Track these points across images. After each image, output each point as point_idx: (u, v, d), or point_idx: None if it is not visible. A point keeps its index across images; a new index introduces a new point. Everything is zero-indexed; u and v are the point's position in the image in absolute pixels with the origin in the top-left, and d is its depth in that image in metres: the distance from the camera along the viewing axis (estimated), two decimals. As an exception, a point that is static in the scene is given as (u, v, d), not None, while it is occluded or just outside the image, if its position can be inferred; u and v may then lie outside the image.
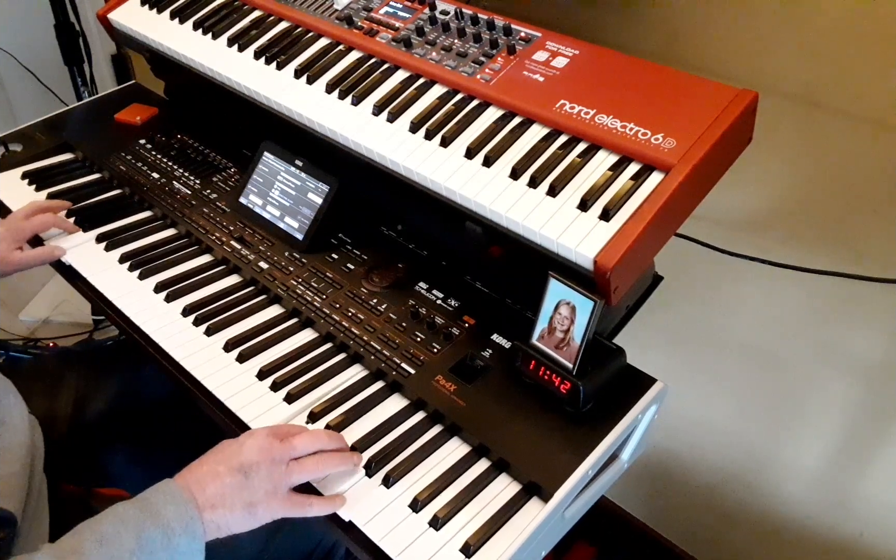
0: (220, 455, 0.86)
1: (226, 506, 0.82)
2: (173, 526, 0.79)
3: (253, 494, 0.84)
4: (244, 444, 0.86)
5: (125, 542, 0.77)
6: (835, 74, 1.35)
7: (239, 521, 0.84)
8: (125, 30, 1.52)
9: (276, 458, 0.85)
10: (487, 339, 1.05)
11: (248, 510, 0.83)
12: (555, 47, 1.15)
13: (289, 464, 0.86)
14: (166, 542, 0.79)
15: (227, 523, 0.83)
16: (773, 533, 1.62)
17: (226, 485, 0.83)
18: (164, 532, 0.79)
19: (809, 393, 1.56)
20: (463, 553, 0.82)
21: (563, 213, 0.97)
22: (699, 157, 0.96)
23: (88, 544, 0.76)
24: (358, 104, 1.18)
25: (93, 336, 2.24)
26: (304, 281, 1.17)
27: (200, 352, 1.07)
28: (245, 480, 0.83)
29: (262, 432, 0.88)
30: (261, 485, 0.84)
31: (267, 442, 0.86)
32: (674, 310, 1.57)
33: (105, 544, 0.77)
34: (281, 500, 0.85)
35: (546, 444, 0.91)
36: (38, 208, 1.28)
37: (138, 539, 0.78)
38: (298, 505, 0.86)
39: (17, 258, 1.22)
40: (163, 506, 0.80)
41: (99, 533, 0.78)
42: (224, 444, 0.88)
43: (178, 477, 0.84)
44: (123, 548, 0.77)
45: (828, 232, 1.45)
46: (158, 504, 0.80)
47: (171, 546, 0.79)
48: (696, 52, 1.50)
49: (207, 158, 1.45)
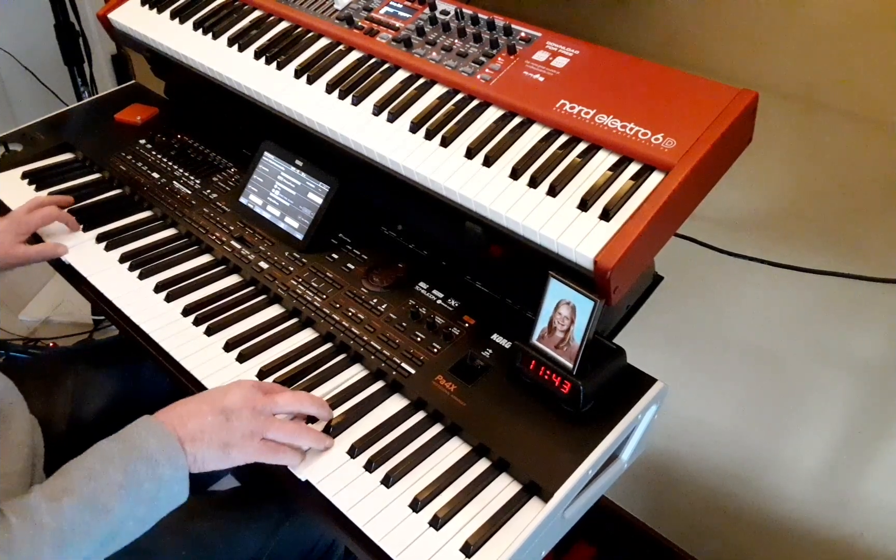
0: (205, 396, 0.91)
1: (204, 441, 0.87)
2: (157, 457, 0.83)
3: (230, 435, 0.88)
4: (229, 391, 0.91)
5: (113, 475, 0.81)
6: (835, 74, 1.35)
7: (214, 458, 0.88)
8: (125, 30, 1.52)
9: (257, 408, 0.90)
10: (487, 339, 1.05)
11: (223, 449, 0.88)
12: (555, 47, 1.15)
13: (268, 416, 0.91)
14: (151, 472, 0.83)
15: (203, 457, 0.87)
16: (773, 533, 1.62)
17: (207, 422, 0.87)
18: (148, 463, 0.83)
19: (809, 393, 1.56)
20: (463, 553, 0.82)
21: (563, 213, 0.97)
22: (699, 157, 0.96)
23: (77, 482, 0.80)
24: (358, 104, 1.18)
25: (93, 336, 2.24)
26: (304, 281, 1.17)
27: (200, 352, 1.07)
28: (225, 421, 0.88)
29: (248, 383, 0.93)
30: (239, 428, 0.88)
31: (251, 392, 0.91)
32: (674, 310, 1.57)
33: (94, 479, 0.81)
34: (256, 446, 0.89)
35: (546, 444, 0.91)
36: (40, 203, 1.28)
37: (125, 472, 0.82)
38: (271, 451, 0.90)
39: (21, 252, 1.22)
40: (145, 439, 0.84)
41: (87, 469, 0.82)
42: (210, 389, 0.93)
43: (158, 414, 0.89)
44: (112, 481, 0.81)
45: (828, 232, 1.45)
46: (141, 438, 0.85)
47: (156, 476, 0.83)
48: (696, 52, 1.50)
49: (207, 158, 1.45)
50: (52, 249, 1.24)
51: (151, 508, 0.84)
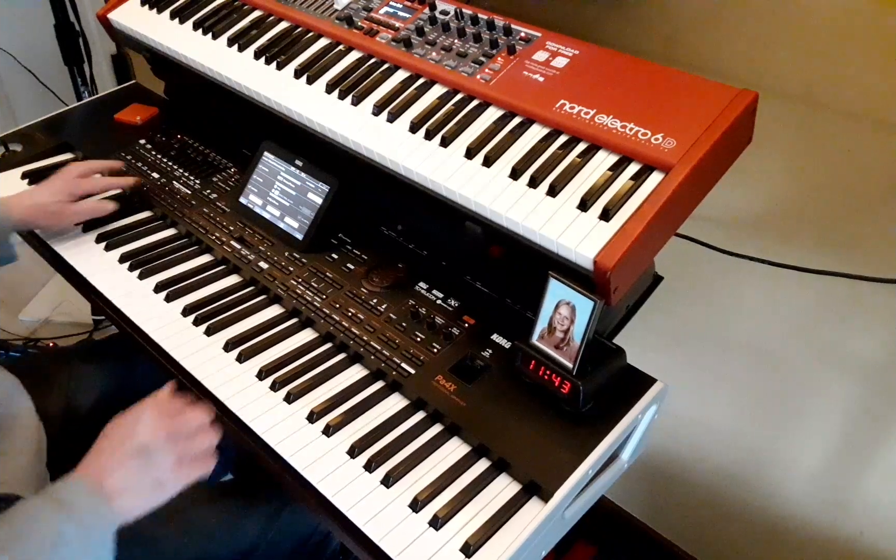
0: (116, 438, 0.87)
1: (132, 489, 0.85)
2: (85, 517, 0.81)
3: (159, 472, 0.86)
4: (137, 426, 0.88)
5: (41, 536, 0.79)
6: (835, 74, 1.35)
7: (150, 501, 0.86)
8: (125, 30, 1.52)
9: (173, 435, 0.88)
10: (487, 339, 1.05)
11: (155, 489, 0.86)
12: (555, 47, 1.15)
13: (187, 436, 0.90)
14: (80, 532, 0.80)
15: (137, 505, 0.85)
16: (773, 533, 1.62)
17: (129, 468, 0.85)
18: (77, 524, 0.80)
19: (809, 393, 1.56)
20: (463, 553, 0.82)
21: (563, 213, 0.97)
22: (699, 157, 0.96)
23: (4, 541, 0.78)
24: (358, 104, 1.18)
25: (93, 336, 2.24)
26: (304, 281, 1.17)
27: (200, 352, 1.07)
28: (147, 461, 0.86)
29: (152, 411, 0.90)
30: (164, 462, 0.87)
31: (161, 420, 0.89)
32: (674, 310, 1.57)
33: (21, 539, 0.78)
34: (186, 469, 0.88)
35: (546, 444, 0.91)
36: (93, 168, 1.32)
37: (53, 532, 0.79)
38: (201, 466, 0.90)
39: (72, 210, 1.25)
40: (74, 498, 0.82)
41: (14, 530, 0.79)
42: (115, 427, 0.89)
43: (81, 469, 0.86)
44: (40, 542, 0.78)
45: (828, 232, 1.45)
46: (69, 498, 0.82)
47: (84, 535, 0.81)
48: (695, 52, 1.50)
49: (207, 158, 1.45)
50: (101, 207, 1.28)
51: None
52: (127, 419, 0.90)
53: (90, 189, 1.29)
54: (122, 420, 0.90)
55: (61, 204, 1.24)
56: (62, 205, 1.24)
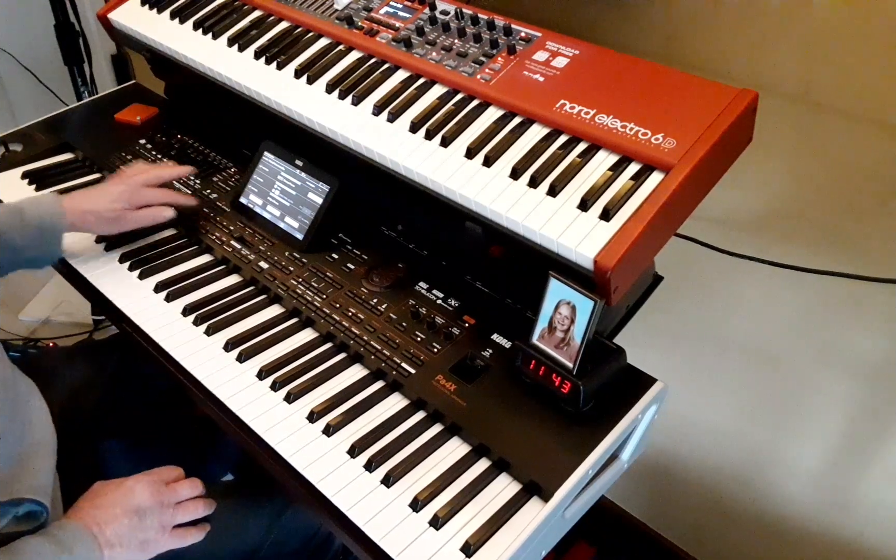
0: (115, 496, 0.96)
1: (122, 544, 0.93)
2: None
3: (146, 533, 0.95)
4: (135, 489, 0.97)
5: None
6: (835, 74, 1.35)
7: (133, 557, 0.94)
8: (125, 30, 1.52)
9: (164, 502, 0.98)
10: (487, 338, 1.05)
11: (141, 547, 0.95)
12: (555, 47, 1.15)
13: (174, 506, 0.99)
14: None
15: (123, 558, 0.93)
16: (773, 533, 1.62)
17: (122, 525, 0.93)
18: None
19: (809, 393, 1.56)
20: (463, 552, 0.82)
21: (564, 213, 0.97)
22: (699, 157, 0.96)
23: None
24: (358, 104, 1.18)
25: (93, 336, 2.24)
26: (304, 281, 1.17)
27: (200, 351, 1.07)
28: (139, 522, 0.95)
29: (150, 478, 0.99)
30: (152, 524, 0.96)
31: (157, 487, 0.98)
32: (674, 310, 1.57)
33: None
34: (168, 537, 0.98)
35: (546, 444, 0.91)
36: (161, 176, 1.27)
37: None
38: (181, 537, 0.99)
39: (130, 217, 1.21)
40: (73, 543, 0.89)
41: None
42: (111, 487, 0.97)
43: (77, 516, 0.93)
44: None
45: (828, 232, 1.45)
46: (69, 541, 0.89)
47: None
48: (695, 51, 1.50)
49: (207, 158, 1.45)
50: (159, 213, 1.23)
51: None
52: (125, 482, 0.98)
53: (152, 200, 1.23)
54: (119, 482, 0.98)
55: (120, 210, 1.19)
56: (120, 211, 1.19)
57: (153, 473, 1.00)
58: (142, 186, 1.23)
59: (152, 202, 1.23)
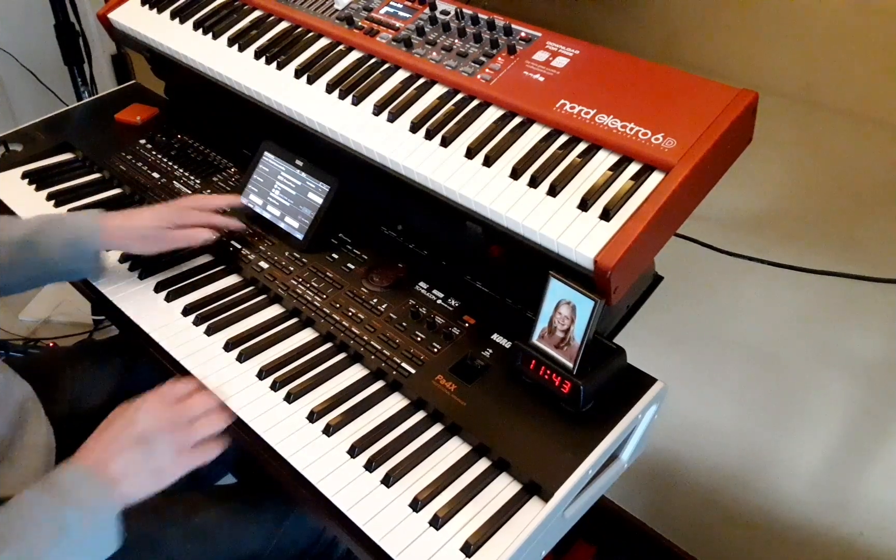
0: (117, 428, 0.89)
1: (131, 476, 0.86)
2: (87, 504, 0.83)
3: (158, 460, 0.88)
4: (138, 416, 0.90)
5: (44, 526, 0.80)
6: (835, 74, 1.35)
7: (147, 487, 0.87)
8: (125, 30, 1.52)
9: (175, 423, 0.90)
10: (487, 338, 1.05)
11: (155, 476, 0.88)
12: (555, 47, 1.15)
13: (188, 425, 0.91)
14: (84, 519, 0.82)
15: (135, 492, 0.86)
16: (772, 533, 1.62)
17: (130, 457, 0.87)
18: (79, 512, 0.82)
19: (809, 392, 1.56)
20: (463, 552, 0.82)
21: (564, 213, 0.97)
22: (699, 157, 0.96)
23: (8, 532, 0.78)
24: (358, 104, 1.18)
25: (93, 336, 2.24)
26: (304, 281, 1.17)
27: (200, 351, 1.07)
28: (149, 449, 0.88)
29: (153, 400, 0.92)
30: (164, 450, 0.89)
31: (162, 409, 0.91)
32: (674, 310, 1.57)
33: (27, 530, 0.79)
34: (186, 457, 0.90)
35: (546, 444, 0.91)
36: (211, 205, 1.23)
37: (56, 521, 0.80)
38: (201, 454, 0.91)
39: (169, 236, 1.17)
40: (74, 487, 0.83)
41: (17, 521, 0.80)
42: (117, 415, 0.90)
43: (79, 458, 0.87)
44: (42, 531, 0.79)
45: (827, 232, 1.46)
46: (69, 486, 0.83)
47: (88, 522, 0.82)
48: (695, 52, 1.50)
49: (207, 158, 1.45)
50: (196, 234, 1.18)
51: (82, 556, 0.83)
52: (128, 409, 0.91)
53: (196, 221, 1.19)
54: (123, 410, 0.91)
55: (160, 229, 1.16)
56: (160, 230, 1.16)
57: (159, 392, 0.93)
58: (191, 208, 1.20)
59: (196, 224, 1.19)
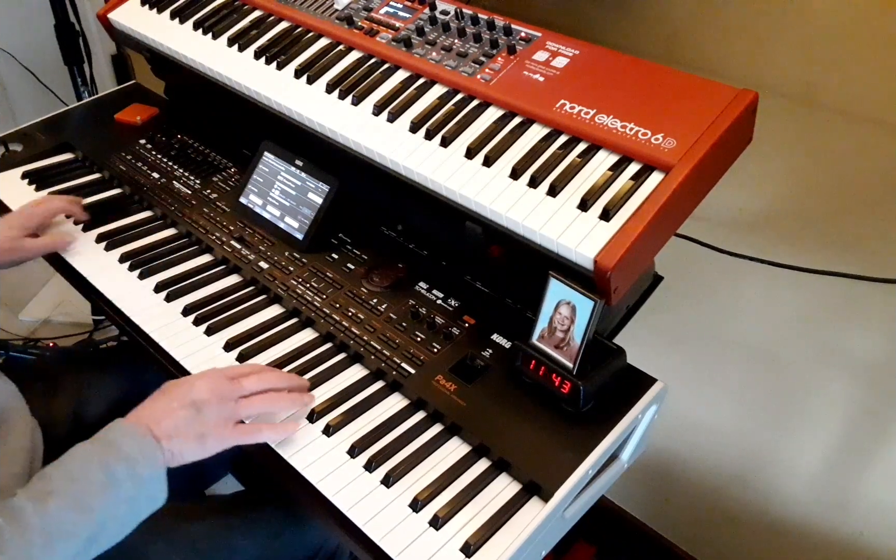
0: (173, 392, 0.92)
1: (179, 435, 0.89)
2: (135, 457, 0.85)
3: (203, 426, 0.91)
4: (195, 384, 0.93)
5: (93, 476, 0.83)
6: (835, 75, 1.35)
7: (191, 451, 0.90)
8: (125, 30, 1.52)
9: (225, 395, 0.93)
10: (487, 338, 1.05)
11: (199, 440, 0.90)
12: (555, 47, 1.15)
13: (238, 400, 0.93)
14: (131, 472, 0.84)
15: (181, 451, 0.89)
16: (773, 533, 1.62)
17: (179, 417, 0.90)
18: (127, 463, 0.84)
19: (809, 392, 1.56)
20: (463, 553, 0.82)
21: (563, 213, 0.97)
22: (699, 157, 0.96)
23: (60, 483, 0.82)
24: (358, 104, 1.18)
25: (93, 336, 2.24)
26: (304, 281, 1.17)
27: (200, 352, 1.07)
28: (197, 414, 0.90)
29: (214, 372, 0.95)
30: (211, 418, 0.91)
31: (217, 381, 0.93)
32: (674, 310, 1.57)
33: (76, 481, 0.82)
34: (230, 430, 0.92)
35: (546, 444, 0.91)
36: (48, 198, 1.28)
37: (105, 473, 0.83)
38: (248, 433, 0.93)
39: (27, 245, 1.22)
40: (123, 440, 0.86)
41: (68, 472, 0.83)
42: (172, 384, 0.94)
43: (130, 416, 0.90)
44: (93, 482, 0.82)
45: (827, 232, 1.46)
46: (118, 439, 0.86)
47: (135, 475, 0.85)
48: (695, 52, 1.50)
49: (207, 158, 1.45)
50: (60, 239, 1.24)
51: (131, 509, 0.86)
52: (188, 377, 0.95)
53: (43, 214, 1.24)
54: (182, 379, 0.95)
55: (15, 240, 1.21)
56: (16, 241, 1.21)
57: (217, 369, 0.97)
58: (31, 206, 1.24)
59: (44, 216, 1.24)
